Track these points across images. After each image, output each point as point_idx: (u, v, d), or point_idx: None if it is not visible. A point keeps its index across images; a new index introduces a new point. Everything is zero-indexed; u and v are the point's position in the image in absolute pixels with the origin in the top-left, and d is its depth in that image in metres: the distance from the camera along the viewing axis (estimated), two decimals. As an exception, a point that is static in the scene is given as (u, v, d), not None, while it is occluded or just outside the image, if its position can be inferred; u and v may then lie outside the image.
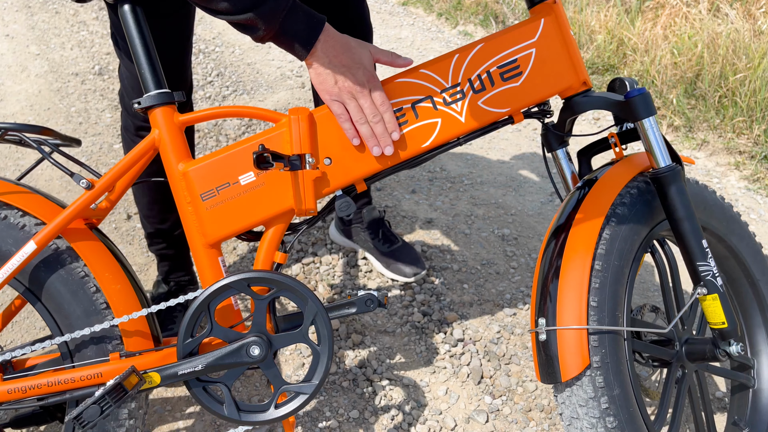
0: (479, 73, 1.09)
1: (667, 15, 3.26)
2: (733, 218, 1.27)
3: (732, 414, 1.29)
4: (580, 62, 1.12)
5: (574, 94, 1.14)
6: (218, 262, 1.10)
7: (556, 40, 1.10)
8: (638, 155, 1.18)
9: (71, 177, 1.05)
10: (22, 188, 1.09)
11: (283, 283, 1.02)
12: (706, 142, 2.66)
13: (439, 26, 3.95)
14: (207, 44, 3.53)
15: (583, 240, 1.05)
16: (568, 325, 1.00)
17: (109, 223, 2.12)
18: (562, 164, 1.25)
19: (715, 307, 1.09)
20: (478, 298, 1.81)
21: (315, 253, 1.97)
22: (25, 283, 1.06)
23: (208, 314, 1.02)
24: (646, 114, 1.07)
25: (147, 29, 1.08)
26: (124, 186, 1.12)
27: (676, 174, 1.07)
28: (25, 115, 2.81)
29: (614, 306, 1.02)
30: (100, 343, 1.07)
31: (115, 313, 1.06)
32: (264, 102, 2.99)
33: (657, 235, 1.16)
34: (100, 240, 1.10)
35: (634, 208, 1.09)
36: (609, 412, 0.99)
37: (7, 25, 3.63)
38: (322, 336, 1.04)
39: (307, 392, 1.05)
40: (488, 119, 1.11)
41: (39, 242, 1.01)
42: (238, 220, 1.07)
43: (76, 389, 1.04)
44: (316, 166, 1.06)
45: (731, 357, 1.11)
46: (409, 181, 2.37)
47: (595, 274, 1.02)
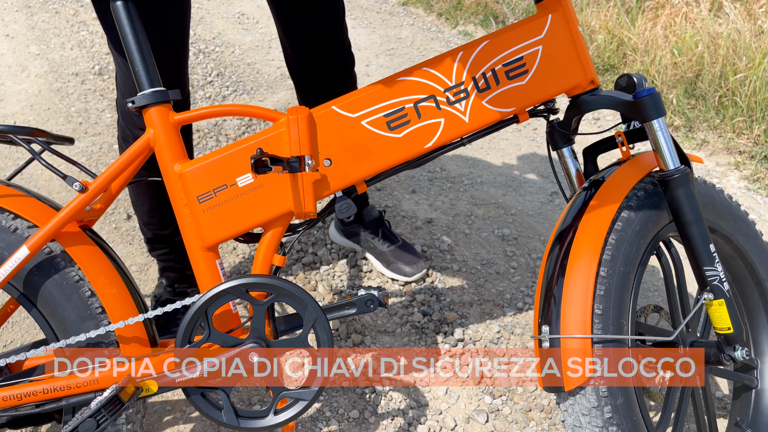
0: (484, 72, 1.06)
1: (668, 15, 3.25)
2: (741, 218, 1.24)
3: (734, 415, 1.28)
4: (588, 60, 1.09)
5: (581, 92, 1.11)
6: (216, 265, 1.08)
7: (564, 36, 1.07)
8: (645, 155, 1.16)
9: (64, 179, 1.03)
10: (14, 190, 1.06)
11: (282, 289, 1.01)
12: (706, 142, 2.65)
13: (439, 26, 3.95)
14: (207, 44, 3.52)
15: (589, 245, 1.03)
16: (573, 334, 0.98)
17: (108, 223, 2.12)
18: (568, 163, 1.22)
19: (722, 312, 1.07)
20: (478, 298, 1.80)
21: (315, 253, 1.97)
22: (20, 288, 1.04)
23: (206, 320, 1.01)
24: (656, 115, 1.04)
25: (140, 25, 1.05)
26: (119, 187, 1.10)
27: (685, 177, 1.04)
28: (25, 115, 2.81)
29: (619, 313, 1.00)
30: (97, 348, 1.05)
31: (111, 318, 1.04)
32: (264, 102, 2.99)
33: (663, 237, 1.14)
34: (94, 243, 1.08)
35: (640, 211, 1.07)
36: (612, 421, 0.97)
37: (7, 25, 3.63)
38: (322, 341, 1.03)
39: (306, 398, 1.04)
40: (493, 119, 1.08)
41: (32, 247, 0.99)
42: (236, 222, 1.05)
43: (72, 396, 1.02)
44: (315, 168, 1.04)
45: (736, 362, 1.10)
46: (409, 181, 2.37)
47: (600, 280, 1.00)
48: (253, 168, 0.95)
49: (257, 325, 1.03)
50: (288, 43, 1.59)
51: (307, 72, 1.62)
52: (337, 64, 1.61)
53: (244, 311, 1.70)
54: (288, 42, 1.59)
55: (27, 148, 1.04)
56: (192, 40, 3.54)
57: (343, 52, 1.62)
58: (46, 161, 1.03)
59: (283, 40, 1.61)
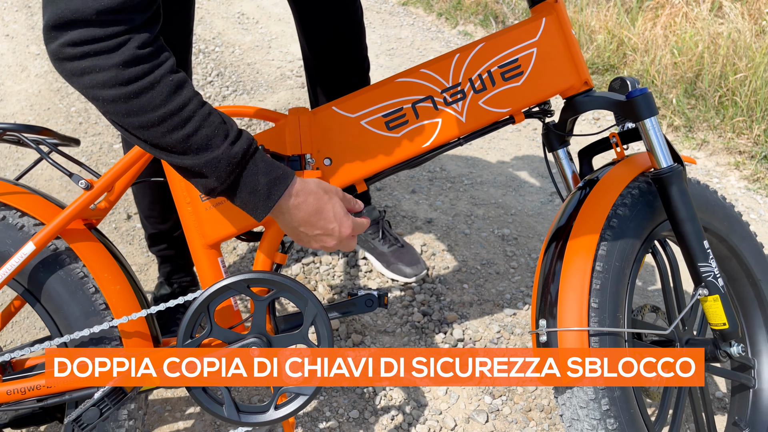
0: (480, 73, 1.08)
1: (668, 15, 3.25)
2: (735, 218, 1.26)
3: (732, 414, 1.29)
4: (582, 62, 1.12)
5: (575, 93, 1.13)
6: (218, 263, 1.10)
7: (558, 39, 1.09)
8: (639, 155, 1.18)
9: (70, 177, 1.04)
10: (20, 188, 1.08)
11: (282, 284, 1.02)
12: (706, 142, 2.66)
13: (439, 26, 3.95)
14: (207, 44, 3.52)
15: (584, 241, 1.04)
16: (569, 327, 1.00)
17: (109, 223, 2.12)
18: (563, 164, 1.24)
19: (716, 308, 1.09)
20: (478, 298, 1.81)
21: (315, 253, 1.97)
22: (24, 284, 1.05)
23: (208, 315, 1.02)
24: (648, 114, 1.07)
25: None
26: (124, 186, 1.11)
27: (677, 174, 1.06)
28: (25, 115, 2.81)
29: (615, 307, 1.02)
30: (100, 344, 1.06)
31: (114, 314, 1.05)
32: (264, 102, 2.99)
33: (658, 235, 1.15)
34: (99, 240, 1.10)
35: (635, 208, 1.09)
36: (610, 413, 0.99)
37: (7, 25, 3.63)
38: (322, 337, 1.04)
39: (306, 393, 1.05)
40: (489, 119, 1.11)
41: (38, 243, 1.01)
42: (238, 220, 1.07)
43: (75, 390, 1.04)
44: (316, 167, 1.05)
45: (732, 358, 1.11)
46: (409, 181, 2.37)
47: (596, 275, 1.02)
48: None
49: (258, 320, 1.04)
50: (306, 43, 1.59)
51: (324, 73, 1.61)
52: (354, 67, 1.61)
53: (245, 310, 1.70)
54: (306, 42, 1.59)
55: (36, 149, 1.06)
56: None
57: (360, 54, 1.62)
58: (54, 161, 1.05)
59: (301, 40, 1.61)
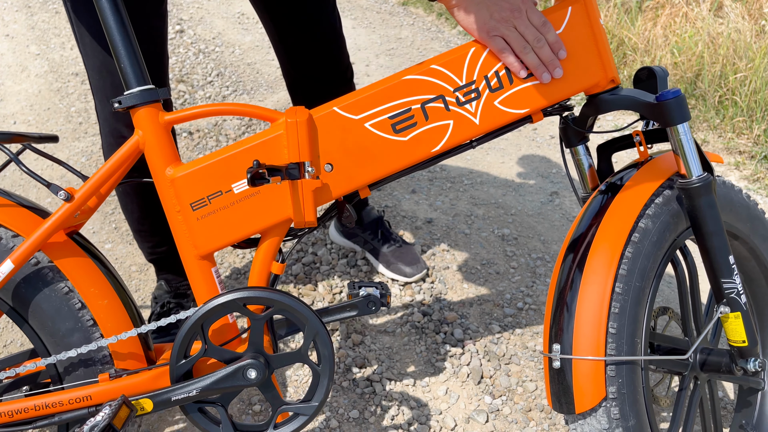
0: (497, 70, 0.98)
1: (668, 15, 3.26)
2: (758, 218, 1.19)
3: (739, 417, 1.26)
4: (609, 57, 1.01)
5: (600, 91, 1.03)
6: (212, 274, 1.03)
7: (585, 31, 0.98)
8: (664, 158, 1.09)
9: (48, 188, 0.96)
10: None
11: (281, 303, 0.96)
12: (706, 142, 2.66)
13: (439, 26, 3.95)
14: (207, 44, 3.52)
15: (605, 259, 0.97)
16: (585, 356, 0.94)
17: (108, 223, 2.12)
18: (582, 160, 1.16)
19: (737, 325, 1.03)
20: (478, 298, 1.81)
21: (315, 253, 1.97)
22: (8, 302, 0.99)
23: (202, 334, 0.97)
24: (681, 119, 0.97)
25: (127, 17, 0.96)
26: (107, 190, 1.03)
27: (707, 186, 0.98)
28: (25, 115, 2.81)
29: (633, 332, 0.96)
30: (89, 363, 1.01)
31: (103, 330, 0.99)
32: (264, 102, 3.00)
33: (680, 243, 1.08)
34: (84, 251, 1.03)
35: (658, 219, 1.01)
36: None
37: (7, 25, 3.63)
38: (323, 356, 0.99)
39: (306, 413, 1.00)
40: (505, 120, 1.01)
41: (16, 260, 0.94)
42: (232, 231, 0.99)
43: (64, 412, 0.99)
44: (315, 175, 0.97)
45: (747, 372, 1.07)
46: (409, 181, 2.37)
47: (615, 297, 0.95)
48: (249, 182, 0.90)
49: (255, 339, 0.99)
50: (286, 58, 1.57)
51: (307, 86, 1.60)
52: (336, 77, 1.60)
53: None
54: (286, 57, 1.57)
55: (5, 151, 0.97)
56: (192, 40, 3.54)
57: (342, 64, 1.61)
58: (28, 168, 0.97)
59: (280, 56, 1.58)
